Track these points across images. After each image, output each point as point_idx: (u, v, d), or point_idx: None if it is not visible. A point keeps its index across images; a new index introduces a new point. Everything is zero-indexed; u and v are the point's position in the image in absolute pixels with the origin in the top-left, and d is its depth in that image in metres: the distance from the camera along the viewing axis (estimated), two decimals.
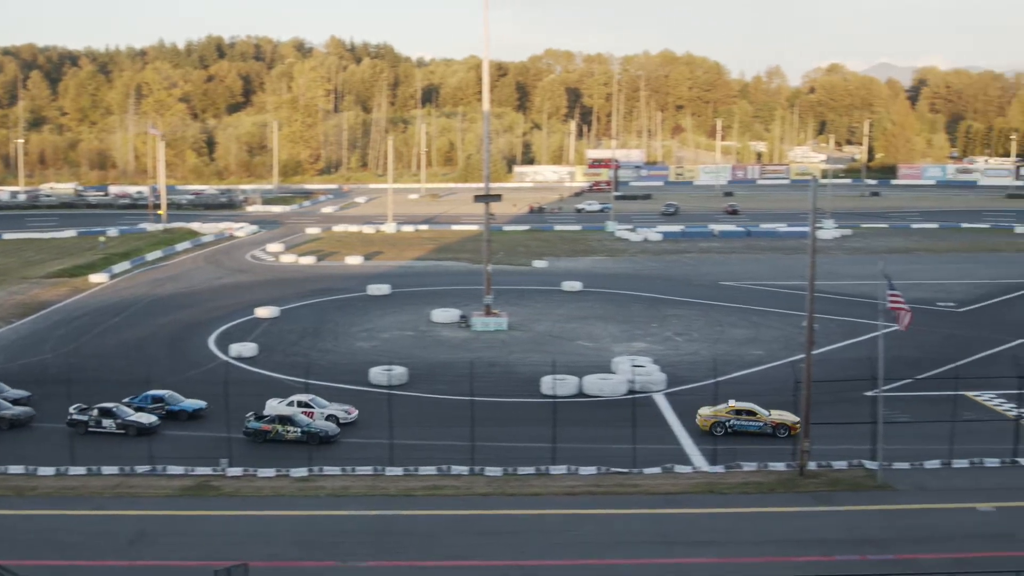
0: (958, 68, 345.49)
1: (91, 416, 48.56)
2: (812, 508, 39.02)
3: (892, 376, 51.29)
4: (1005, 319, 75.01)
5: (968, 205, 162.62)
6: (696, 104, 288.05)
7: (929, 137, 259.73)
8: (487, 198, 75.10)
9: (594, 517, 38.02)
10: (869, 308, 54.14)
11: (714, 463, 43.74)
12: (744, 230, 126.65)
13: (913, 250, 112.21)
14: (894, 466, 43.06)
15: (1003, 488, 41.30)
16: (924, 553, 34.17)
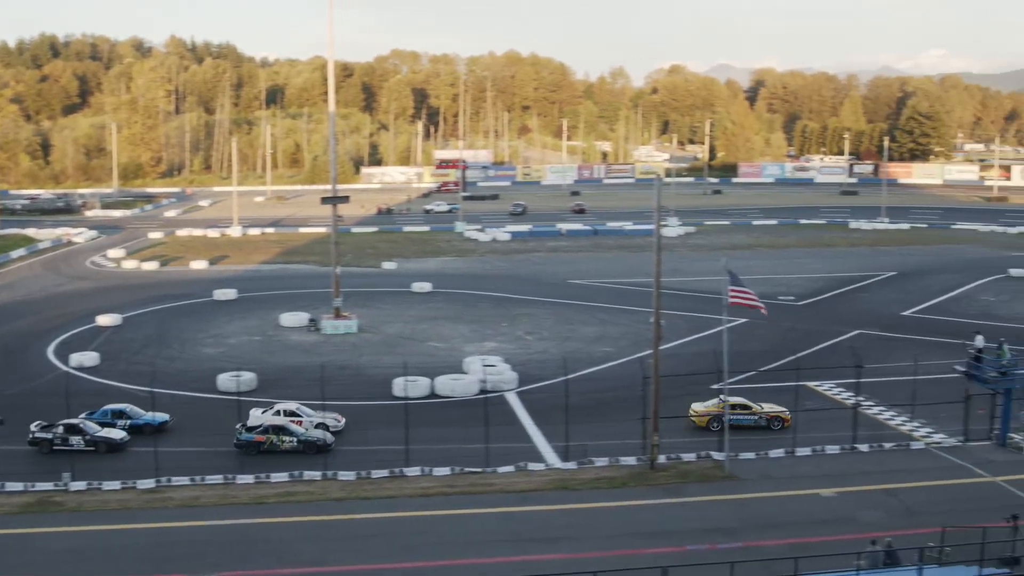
0: (794, 70, 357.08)
1: (56, 433, 45.77)
2: (663, 500, 39.70)
3: (737, 369, 52.67)
4: (842, 311, 77.73)
5: (805, 202, 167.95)
6: (542, 104, 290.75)
7: (767, 136, 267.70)
8: (334, 200, 74.39)
9: (449, 517, 37.95)
10: (714, 303, 55.39)
11: (566, 460, 44.12)
12: (591, 229, 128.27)
13: (754, 246, 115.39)
14: (740, 456, 44.18)
15: (844, 474, 42.74)
16: (771, 539, 35.13)
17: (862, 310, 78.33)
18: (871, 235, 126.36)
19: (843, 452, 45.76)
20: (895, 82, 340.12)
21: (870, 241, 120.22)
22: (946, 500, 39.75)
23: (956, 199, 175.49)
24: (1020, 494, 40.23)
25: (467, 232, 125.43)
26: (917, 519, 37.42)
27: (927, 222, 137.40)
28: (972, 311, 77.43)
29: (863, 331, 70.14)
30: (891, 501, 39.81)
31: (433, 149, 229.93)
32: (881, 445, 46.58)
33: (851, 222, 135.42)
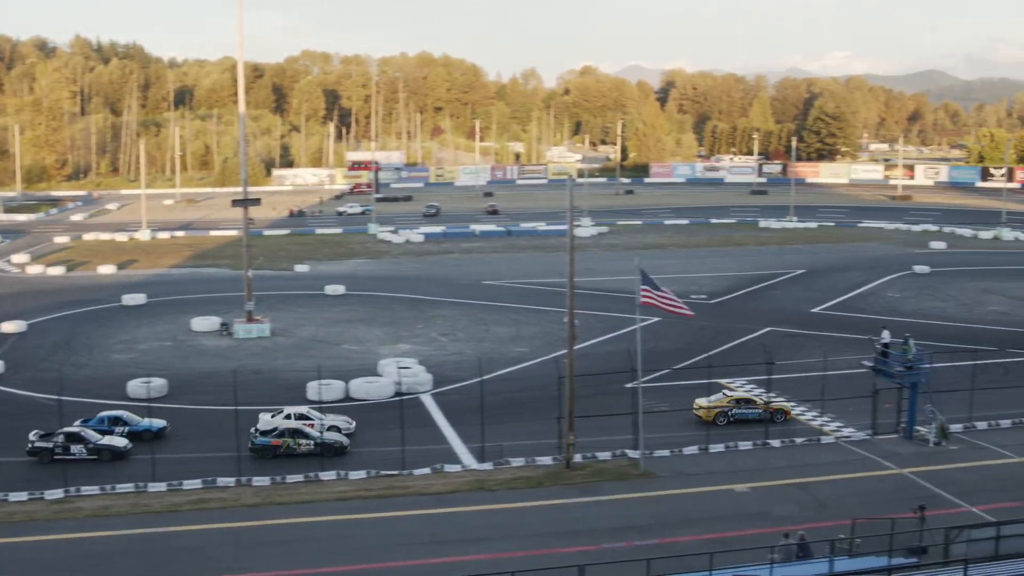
0: (703, 71, 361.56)
1: (56, 442, 44.69)
2: (579, 499, 39.90)
3: (651, 367, 53.16)
4: (752, 309, 78.85)
5: (716, 201, 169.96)
6: (455, 105, 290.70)
7: (678, 137, 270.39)
8: (246, 202, 73.55)
9: (365, 521, 37.73)
10: (628, 303, 55.80)
11: (483, 461, 44.14)
12: (505, 229, 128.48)
13: (666, 245, 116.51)
14: (655, 454, 44.59)
15: (756, 469, 43.36)
16: (686, 535, 35.48)
17: (772, 308, 79.52)
18: (780, 234, 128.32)
19: (755, 448, 46.43)
20: (802, 83, 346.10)
21: (779, 240, 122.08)
22: (856, 493, 40.54)
23: (862, 198, 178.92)
24: (926, 485, 41.17)
25: (380, 234, 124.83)
26: (828, 512, 38.09)
27: (834, 220, 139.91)
28: (878, 307, 79.05)
29: (773, 328, 71.22)
30: (803, 495, 40.50)
31: (345, 151, 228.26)
32: (792, 440, 47.39)
33: (761, 221, 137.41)
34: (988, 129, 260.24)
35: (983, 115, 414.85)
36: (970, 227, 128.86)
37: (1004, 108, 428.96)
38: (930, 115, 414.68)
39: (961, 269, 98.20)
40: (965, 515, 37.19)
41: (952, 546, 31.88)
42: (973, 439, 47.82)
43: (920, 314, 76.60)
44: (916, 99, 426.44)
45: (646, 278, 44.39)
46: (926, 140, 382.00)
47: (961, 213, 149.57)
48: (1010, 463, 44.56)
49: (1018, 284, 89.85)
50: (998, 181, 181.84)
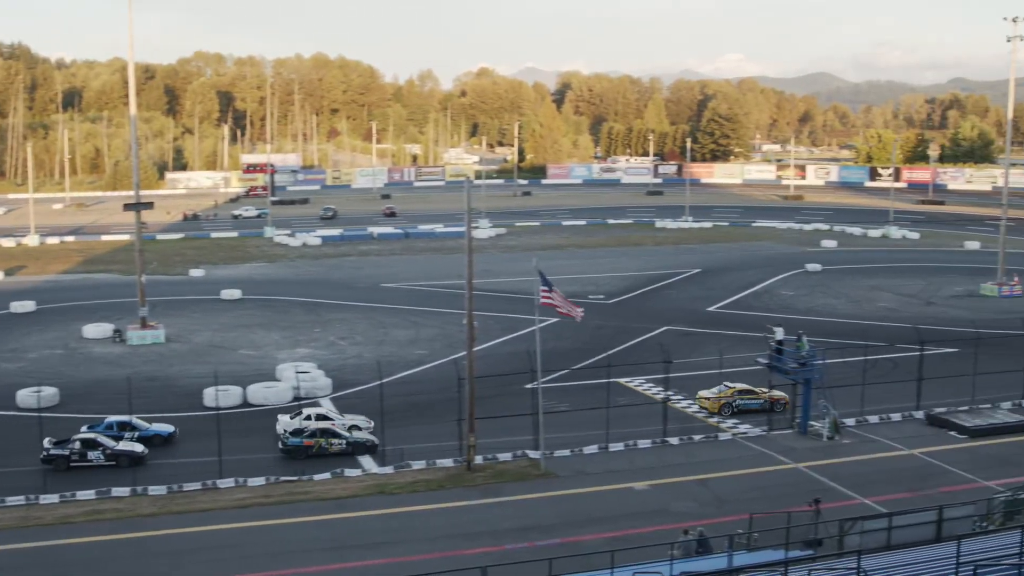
0: (599, 73, 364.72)
1: (72, 449, 43.80)
2: (481, 501, 39.88)
3: (550, 368, 53.31)
4: (650, 308, 79.68)
5: (613, 202, 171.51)
6: (351, 107, 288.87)
7: (575, 138, 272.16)
8: (138, 206, 72.10)
9: (265, 528, 37.20)
10: (526, 304, 55.98)
11: (383, 464, 43.89)
12: (402, 232, 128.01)
13: (564, 246, 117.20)
14: (556, 454, 44.76)
15: (656, 467, 43.80)
16: (588, 534, 35.66)
17: (669, 307, 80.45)
18: (676, 233, 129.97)
19: (654, 446, 46.90)
20: (696, 85, 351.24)
21: (675, 239, 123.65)
22: (753, 488, 41.18)
23: (755, 198, 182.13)
24: (821, 479, 42.02)
25: (277, 237, 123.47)
26: (726, 507, 38.64)
27: (728, 220, 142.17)
28: (772, 305, 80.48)
29: (670, 327, 72.05)
30: (702, 491, 41.02)
31: (240, 153, 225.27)
32: (691, 438, 47.96)
33: (657, 221, 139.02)
34: (876, 130, 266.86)
35: (871, 116, 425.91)
36: (860, 226, 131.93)
37: (890, 110, 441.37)
38: (820, 116, 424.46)
39: (851, 267, 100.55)
40: (858, 507, 38.03)
41: (846, 537, 32.55)
42: (865, 433, 48.93)
43: (812, 311, 78.20)
44: (806, 101, 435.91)
45: (544, 279, 44.57)
46: (816, 141, 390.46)
47: (851, 212, 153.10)
48: (900, 455, 45.71)
49: (906, 281, 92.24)
50: (886, 181, 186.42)
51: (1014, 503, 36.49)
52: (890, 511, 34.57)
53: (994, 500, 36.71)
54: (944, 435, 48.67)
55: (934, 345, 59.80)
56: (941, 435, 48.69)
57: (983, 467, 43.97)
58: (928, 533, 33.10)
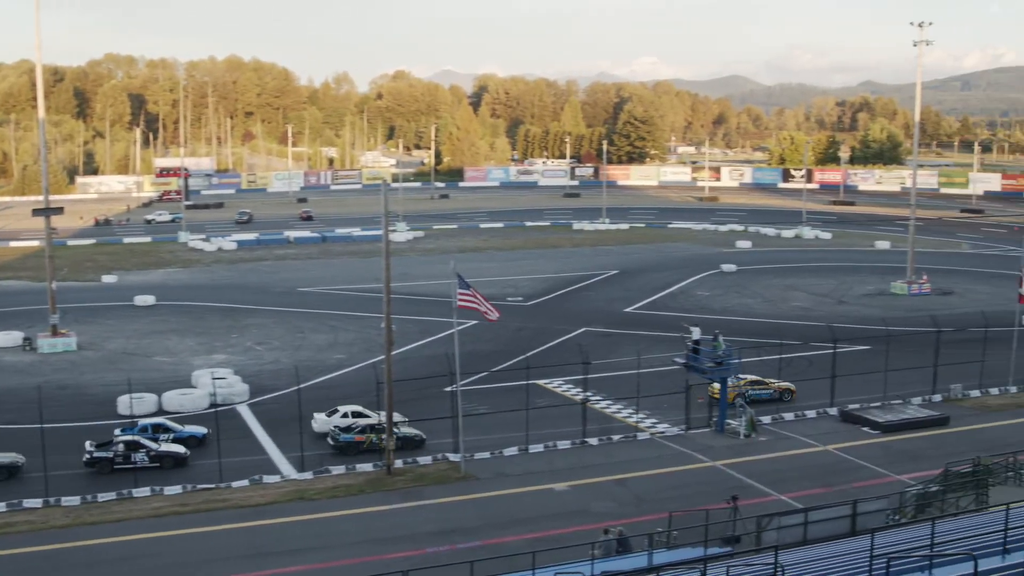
0: (515, 75, 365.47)
1: (116, 451, 43.91)
2: (401, 505, 39.72)
3: (469, 370, 53.34)
4: (568, 310, 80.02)
5: (530, 204, 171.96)
6: (266, 110, 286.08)
7: (492, 141, 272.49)
8: (47, 211, 70.65)
9: (182, 537, 36.64)
10: (444, 306, 55.90)
11: (302, 470, 43.51)
12: (319, 235, 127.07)
13: (483, 249, 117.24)
14: (476, 456, 44.76)
15: (575, 467, 44.02)
16: (509, 536, 35.72)
17: (587, 308, 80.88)
18: (593, 235, 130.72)
19: (574, 447, 47.12)
20: (612, 88, 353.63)
21: (593, 241, 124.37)
22: (672, 486, 41.57)
23: (671, 199, 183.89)
24: (738, 476, 42.54)
25: (191, 242, 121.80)
26: (646, 506, 38.97)
27: (645, 222, 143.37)
28: (689, 305, 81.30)
29: (589, 328, 72.44)
30: (621, 491, 41.30)
31: (153, 157, 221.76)
32: (610, 438, 48.27)
33: (574, 223, 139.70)
34: (788, 132, 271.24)
35: (783, 119, 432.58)
36: (773, 226, 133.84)
37: (802, 112, 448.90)
38: (734, 119, 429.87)
39: (766, 267, 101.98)
40: (775, 503, 38.60)
41: (764, 533, 33.02)
42: (781, 430, 49.65)
43: (728, 311, 79.16)
44: (720, 103, 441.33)
45: (463, 281, 44.55)
46: (730, 143, 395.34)
47: (765, 213, 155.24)
48: (815, 451, 46.47)
49: (819, 280, 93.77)
50: (798, 182, 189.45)
51: (925, 496, 37.30)
52: (806, 507, 35.16)
53: (906, 494, 37.50)
54: (857, 431, 49.58)
55: (847, 343, 60.92)
56: (854, 431, 49.60)
57: (895, 461, 44.91)
58: (843, 527, 33.70)
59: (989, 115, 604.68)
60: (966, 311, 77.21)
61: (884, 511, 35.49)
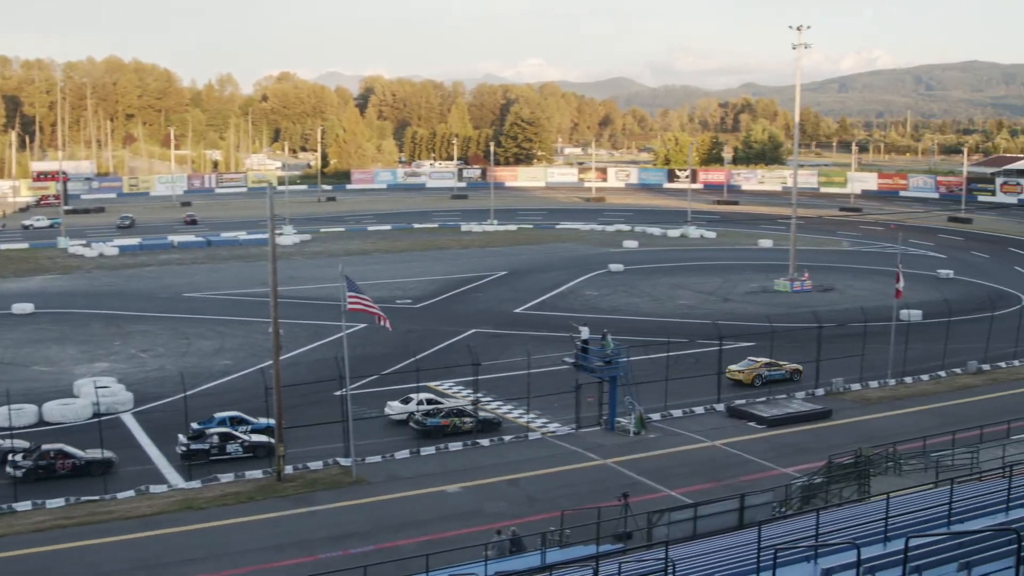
0: (402, 77, 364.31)
1: (212, 443, 45.60)
2: (292, 511, 39.28)
3: (359, 374, 53.00)
4: (457, 311, 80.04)
5: (418, 206, 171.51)
6: (148, 113, 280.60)
7: (379, 143, 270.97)
8: None
9: (67, 551, 35.66)
10: (333, 310, 55.48)
11: (190, 479, 42.75)
12: (204, 240, 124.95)
13: (370, 251, 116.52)
14: (367, 460, 44.50)
15: (467, 469, 44.08)
16: (402, 539, 35.62)
17: (477, 309, 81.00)
18: (482, 237, 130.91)
19: (466, 448, 47.16)
20: (498, 89, 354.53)
21: (481, 242, 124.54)
22: (563, 485, 41.85)
23: (558, 200, 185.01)
24: (629, 473, 43.03)
25: (71, 248, 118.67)
26: (538, 505, 39.18)
27: (533, 223, 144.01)
28: (578, 305, 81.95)
29: (479, 330, 72.54)
30: (513, 491, 41.46)
31: (30, 161, 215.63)
32: (501, 438, 48.44)
33: (463, 225, 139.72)
34: (673, 133, 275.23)
35: (668, 120, 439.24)
36: (659, 226, 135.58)
37: (686, 113, 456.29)
38: (619, 120, 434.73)
39: (652, 266, 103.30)
40: (665, 499, 39.11)
41: (654, 529, 33.49)
42: (669, 427, 50.38)
43: (616, 310, 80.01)
44: (606, 105, 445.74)
45: (351, 284, 44.26)
46: (616, 144, 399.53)
47: (651, 213, 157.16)
48: (703, 447, 47.25)
49: (704, 279, 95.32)
50: (683, 182, 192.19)
51: (810, 488, 38.20)
52: (695, 502, 35.73)
53: (791, 486, 38.36)
54: (744, 426, 50.57)
55: (732, 340, 62.06)
56: (741, 426, 50.57)
57: (780, 455, 45.90)
58: (731, 521, 34.34)
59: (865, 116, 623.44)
60: (846, 307, 79.27)
61: (771, 504, 36.28)
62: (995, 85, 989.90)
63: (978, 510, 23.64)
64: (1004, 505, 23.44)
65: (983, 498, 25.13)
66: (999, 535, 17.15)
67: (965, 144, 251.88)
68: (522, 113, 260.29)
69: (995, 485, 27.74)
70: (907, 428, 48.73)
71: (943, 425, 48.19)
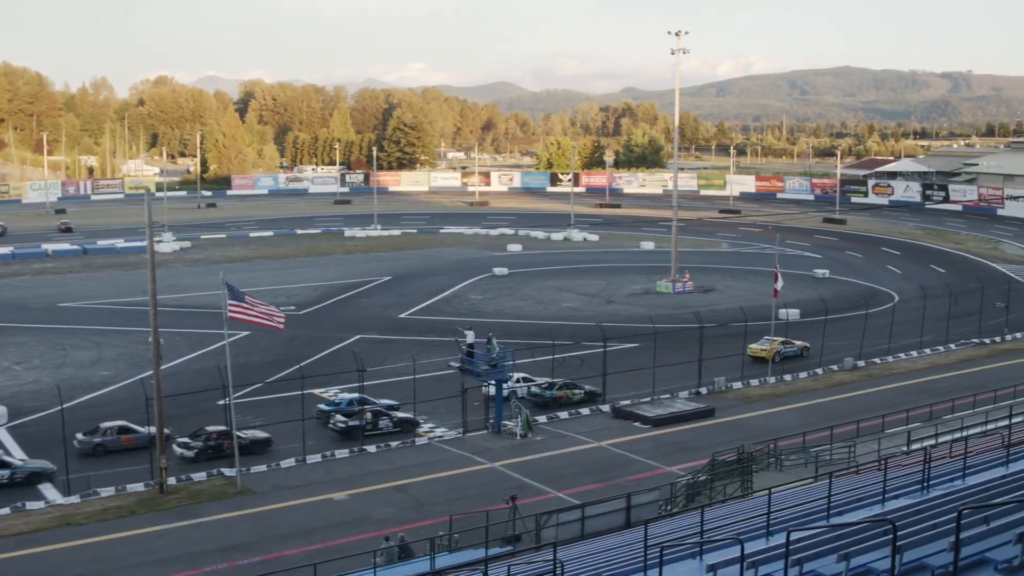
0: (282, 81, 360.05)
1: (366, 419, 49.03)
2: (176, 524, 38.53)
3: (243, 383, 52.33)
4: (342, 317, 79.46)
5: (301, 212, 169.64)
6: (18, 117, 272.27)
7: (260, 148, 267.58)
8: None
9: None
10: (215, 318, 54.54)
11: (68, 494, 41.62)
12: (80, 248, 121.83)
13: (252, 258, 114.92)
14: (252, 470, 43.90)
15: (354, 476, 43.80)
16: (290, 549, 35.21)
17: (361, 315, 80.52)
18: (366, 242, 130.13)
19: (352, 455, 46.88)
20: (381, 94, 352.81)
21: (365, 248, 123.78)
22: (451, 490, 41.85)
23: (442, 204, 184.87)
24: (516, 476, 43.21)
25: None
26: (427, 511, 39.09)
27: (417, 227, 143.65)
28: (463, 309, 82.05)
29: (364, 335, 72.13)
30: (401, 497, 41.31)
31: None
32: (388, 444, 48.24)
33: (346, 230, 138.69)
34: (555, 137, 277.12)
35: (550, 124, 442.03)
36: (543, 230, 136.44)
37: (568, 118, 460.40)
38: (502, 124, 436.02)
39: (537, 269, 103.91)
40: (553, 500, 39.37)
41: (543, 531, 33.66)
42: (556, 428, 50.73)
43: (501, 314, 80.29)
44: (489, 109, 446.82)
45: (233, 292, 43.59)
46: (499, 148, 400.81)
47: (534, 216, 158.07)
48: (589, 448, 47.68)
49: (588, 281, 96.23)
50: (566, 186, 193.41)
51: (694, 486, 38.82)
52: (583, 502, 36.02)
53: (677, 484, 38.93)
54: (629, 426, 51.18)
55: (616, 341, 62.71)
56: (626, 426, 51.18)
57: (665, 454, 46.57)
58: (619, 520, 34.71)
59: (743, 120, 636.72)
60: (727, 307, 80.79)
61: (657, 502, 36.77)
62: (866, 90, 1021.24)
63: (856, 502, 24.29)
64: (880, 497, 24.12)
65: (860, 491, 25.82)
66: (876, 526, 17.63)
67: (838, 147, 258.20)
68: (405, 118, 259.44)
69: (872, 478, 28.55)
70: (787, 424, 49.90)
71: (822, 421, 49.46)
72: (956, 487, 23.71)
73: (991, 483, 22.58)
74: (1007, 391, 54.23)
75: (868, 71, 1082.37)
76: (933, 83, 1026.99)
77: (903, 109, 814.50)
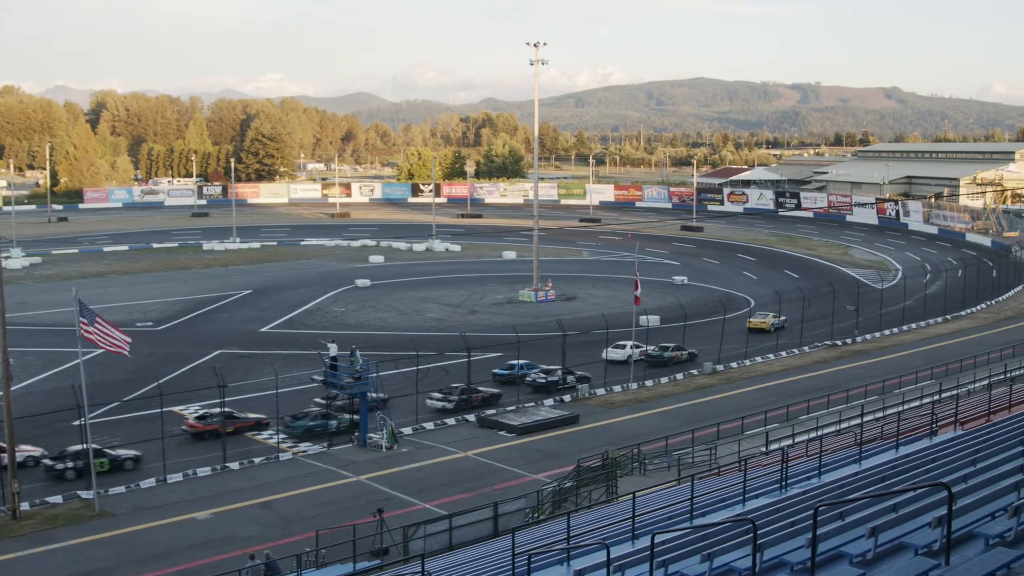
0: (136, 92, 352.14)
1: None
2: (30, 551, 37.16)
3: (99, 402, 50.89)
4: (201, 333, 77.85)
5: (157, 225, 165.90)
6: None
7: (113, 160, 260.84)
8: None
9: None
10: (68, 336, 52.95)
11: None
12: None
13: (107, 273, 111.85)
14: (110, 492, 42.69)
15: (217, 494, 42.88)
16: (150, 572, 34.33)
17: (221, 330, 79.07)
18: (225, 255, 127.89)
19: (215, 473, 45.92)
20: (238, 104, 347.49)
21: (224, 261, 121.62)
22: (317, 505, 41.34)
23: (303, 216, 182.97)
24: (383, 488, 42.93)
25: None
26: (293, 527, 38.52)
27: (277, 240, 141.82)
28: (325, 322, 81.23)
29: (224, 351, 70.82)
30: (266, 514, 40.62)
31: None
32: (252, 461, 47.39)
33: (204, 243, 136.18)
34: (416, 148, 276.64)
35: (410, 135, 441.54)
36: (405, 240, 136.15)
37: (428, 128, 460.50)
38: (362, 135, 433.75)
39: (399, 280, 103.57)
40: (420, 512, 39.22)
41: (411, 543, 33.53)
42: (422, 440, 50.57)
43: (364, 326, 79.75)
44: (348, 120, 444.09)
45: (85, 310, 42.29)
46: (360, 159, 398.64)
47: (396, 228, 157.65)
48: (456, 458, 47.65)
49: (451, 292, 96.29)
50: (427, 196, 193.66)
51: (560, 492, 39.14)
52: (450, 513, 35.99)
53: (543, 492, 39.21)
54: (495, 435, 51.31)
55: (480, 351, 62.88)
56: (492, 436, 51.29)
57: (531, 461, 46.83)
58: (486, 529, 34.80)
59: (601, 130, 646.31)
60: (589, 315, 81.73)
61: (523, 510, 36.96)
62: (720, 101, 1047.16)
63: (718, 503, 24.83)
64: (741, 497, 24.69)
65: (722, 491, 26.40)
66: (737, 525, 18.04)
67: (695, 156, 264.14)
68: (263, 128, 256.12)
69: (732, 479, 29.19)
70: (650, 429, 50.68)
71: (683, 424, 50.44)
72: (812, 485, 24.43)
73: (845, 480, 23.33)
74: (859, 390, 56.22)
75: (722, 82, 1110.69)
76: (784, 94, 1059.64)
77: (756, 119, 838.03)
